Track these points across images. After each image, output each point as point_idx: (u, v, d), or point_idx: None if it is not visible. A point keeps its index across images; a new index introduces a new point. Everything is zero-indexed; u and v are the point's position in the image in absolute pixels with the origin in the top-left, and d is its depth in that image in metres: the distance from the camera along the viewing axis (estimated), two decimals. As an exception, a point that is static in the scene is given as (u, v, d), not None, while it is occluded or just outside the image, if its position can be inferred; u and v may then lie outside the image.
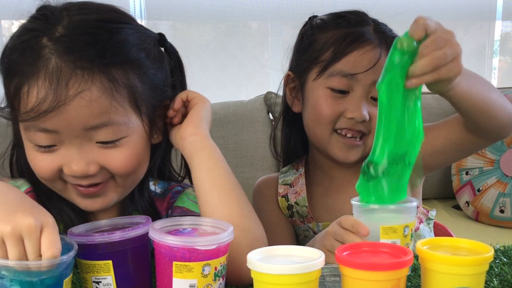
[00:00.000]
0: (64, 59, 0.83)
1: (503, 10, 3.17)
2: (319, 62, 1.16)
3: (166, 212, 1.04)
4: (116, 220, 0.86)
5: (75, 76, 0.83)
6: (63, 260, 0.68)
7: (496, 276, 0.87)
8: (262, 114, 2.56)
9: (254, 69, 3.09)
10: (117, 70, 0.87)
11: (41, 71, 0.83)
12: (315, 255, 0.69)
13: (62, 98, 0.82)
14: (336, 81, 1.14)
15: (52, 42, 0.85)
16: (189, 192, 1.04)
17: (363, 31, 1.16)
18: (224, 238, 0.74)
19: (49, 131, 0.86)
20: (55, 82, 0.82)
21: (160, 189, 1.07)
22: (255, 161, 2.47)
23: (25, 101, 0.85)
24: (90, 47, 0.85)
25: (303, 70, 1.21)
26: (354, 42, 1.14)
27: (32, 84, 0.84)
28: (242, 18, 3.04)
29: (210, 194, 0.91)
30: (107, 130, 0.87)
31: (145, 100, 0.92)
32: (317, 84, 1.17)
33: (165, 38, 1.01)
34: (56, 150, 0.88)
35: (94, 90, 0.84)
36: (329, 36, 1.17)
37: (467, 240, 0.76)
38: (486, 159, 2.46)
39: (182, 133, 0.96)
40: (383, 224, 0.85)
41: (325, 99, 1.15)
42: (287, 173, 1.30)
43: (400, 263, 0.67)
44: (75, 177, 0.89)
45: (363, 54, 1.14)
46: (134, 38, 0.91)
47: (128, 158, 0.90)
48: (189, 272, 0.72)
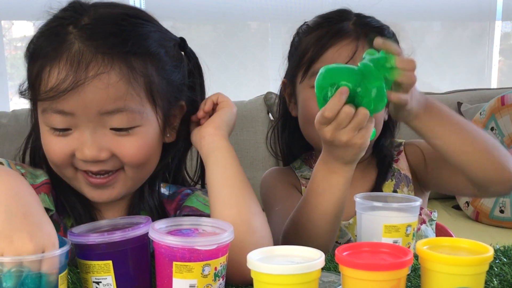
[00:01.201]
0: (86, 44, 0.87)
1: (503, 10, 3.17)
2: (303, 64, 1.19)
3: (174, 212, 1.05)
4: (116, 220, 0.86)
5: (96, 59, 0.86)
6: (57, 254, 0.69)
7: (496, 276, 0.88)
8: (262, 114, 2.56)
9: (254, 69, 3.09)
10: (136, 60, 0.90)
11: (64, 54, 0.87)
12: (315, 255, 0.70)
13: (81, 78, 0.85)
14: None
15: (77, 29, 0.88)
16: (198, 194, 1.06)
17: (340, 26, 1.17)
18: (224, 239, 0.74)
19: (66, 113, 0.88)
20: (76, 64, 0.86)
21: (169, 191, 1.08)
22: (255, 161, 2.47)
23: (46, 82, 0.88)
24: (112, 35, 0.88)
25: (292, 75, 1.24)
26: (330, 39, 1.16)
27: (54, 66, 0.87)
28: (242, 18, 3.05)
29: (222, 191, 0.93)
30: (121, 116, 0.89)
31: (161, 93, 0.94)
32: (303, 86, 1.20)
33: (186, 42, 1.04)
34: (70, 134, 0.91)
35: (112, 74, 0.87)
36: (311, 37, 1.20)
37: (467, 240, 0.76)
38: (486, 159, 2.46)
39: (202, 132, 0.98)
40: (386, 223, 0.85)
41: (311, 98, 1.16)
42: (301, 169, 1.31)
43: (400, 263, 0.67)
44: (85, 162, 0.91)
45: (340, 49, 1.15)
46: (156, 35, 0.95)
47: (139, 148, 0.92)
48: (189, 272, 0.72)
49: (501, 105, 2.42)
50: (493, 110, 2.42)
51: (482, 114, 2.44)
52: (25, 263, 0.66)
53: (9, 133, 2.31)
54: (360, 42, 1.15)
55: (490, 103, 2.44)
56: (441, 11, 3.11)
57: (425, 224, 1.23)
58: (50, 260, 0.68)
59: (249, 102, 2.60)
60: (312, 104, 1.15)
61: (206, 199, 1.02)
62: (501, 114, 2.41)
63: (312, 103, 1.15)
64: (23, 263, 0.66)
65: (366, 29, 1.18)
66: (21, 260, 0.66)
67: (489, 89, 2.92)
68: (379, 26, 1.21)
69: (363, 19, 1.21)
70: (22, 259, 0.66)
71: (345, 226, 1.20)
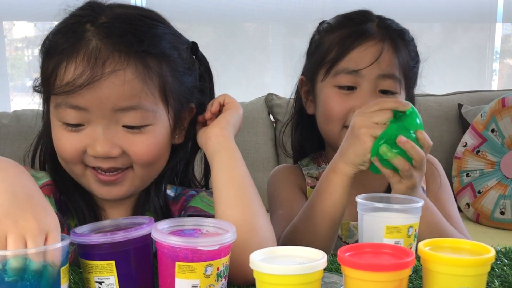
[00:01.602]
0: (104, 41, 0.89)
1: (503, 12, 3.17)
2: (325, 63, 1.20)
3: (179, 213, 1.06)
4: (119, 220, 0.86)
5: (112, 57, 0.88)
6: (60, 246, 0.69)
7: (498, 277, 0.88)
8: (263, 116, 2.56)
9: (255, 71, 3.09)
10: (151, 59, 0.91)
11: (81, 50, 0.88)
12: (317, 255, 0.70)
13: (98, 74, 0.87)
14: (342, 78, 1.18)
15: (95, 27, 0.90)
16: (203, 195, 1.07)
17: (366, 27, 1.19)
18: (226, 239, 0.74)
19: (80, 108, 0.89)
20: (93, 60, 0.87)
21: (174, 192, 1.09)
22: (256, 162, 2.47)
23: (62, 76, 0.89)
24: (129, 34, 0.90)
25: (313, 73, 1.25)
26: (357, 39, 1.17)
27: (71, 61, 0.88)
28: (242, 20, 3.05)
29: (226, 191, 0.93)
30: (135, 114, 0.91)
31: (174, 93, 0.96)
32: (325, 84, 1.21)
33: (198, 47, 1.06)
34: (82, 130, 0.92)
35: (128, 72, 0.89)
36: (334, 37, 1.21)
37: (469, 241, 0.77)
38: (487, 161, 2.47)
39: (208, 133, 0.99)
40: (387, 224, 0.85)
41: (333, 97, 1.19)
42: (309, 167, 1.31)
43: (402, 264, 0.68)
44: (96, 159, 0.92)
45: (366, 49, 1.17)
46: (170, 37, 0.97)
47: (150, 147, 0.94)
48: (191, 272, 0.72)
49: (502, 107, 2.42)
50: (493, 112, 2.42)
51: (482, 116, 2.44)
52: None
53: (10, 134, 2.31)
54: (385, 44, 1.17)
55: (491, 105, 2.44)
56: (441, 13, 3.11)
57: None
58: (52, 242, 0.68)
59: (250, 103, 2.60)
60: (334, 103, 1.19)
61: (211, 200, 1.02)
62: (501, 116, 2.41)
63: (334, 102, 1.19)
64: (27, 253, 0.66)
65: (389, 32, 1.20)
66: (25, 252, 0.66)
67: (489, 91, 2.92)
68: (400, 30, 1.23)
69: (385, 21, 1.23)
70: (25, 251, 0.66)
71: (354, 227, 1.20)
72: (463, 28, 3.26)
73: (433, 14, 3.11)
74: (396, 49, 1.19)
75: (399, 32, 1.22)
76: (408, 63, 1.21)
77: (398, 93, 1.20)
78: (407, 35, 1.24)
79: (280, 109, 2.59)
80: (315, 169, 1.30)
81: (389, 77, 1.18)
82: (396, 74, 1.18)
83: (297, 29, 3.04)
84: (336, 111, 1.18)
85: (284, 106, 2.61)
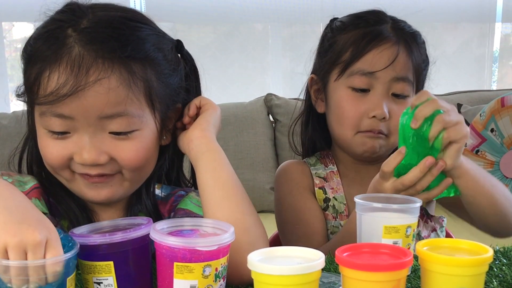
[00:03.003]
0: (86, 48, 0.87)
1: (503, 12, 3.18)
2: (340, 63, 1.19)
3: (168, 214, 1.05)
4: (117, 221, 0.86)
5: (96, 64, 0.86)
6: (66, 259, 0.69)
7: (496, 277, 0.88)
8: (262, 116, 2.57)
9: (255, 71, 3.09)
10: (136, 64, 0.90)
11: (64, 58, 0.86)
12: (315, 256, 0.70)
13: (82, 83, 0.85)
14: (356, 80, 1.17)
15: (77, 32, 0.88)
16: (192, 196, 1.06)
17: (381, 29, 1.19)
18: (225, 239, 0.74)
19: (65, 117, 0.88)
20: (77, 68, 0.86)
21: (163, 192, 1.08)
22: (255, 163, 2.47)
23: (45, 86, 0.87)
24: (112, 39, 0.88)
25: (325, 72, 1.23)
26: (372, 41, 1.17)
27: (54, 69, 0.87)
28: (242, 20, 3.05)
29: (213, 193, 0.93)
30: (121, 120, 0.90)
31: (160, 97, 0.95)
32: (338, 84, 1.20)
33: (182, 45, 1.04)
34: (68, 138, 0.90)
35: (113, 79, 0.87)
36: (348, 37, 1.20)
37: (467, 241, 0.77)
38: (486, 160, 2.47)
39: (189, 135, 0.98)
40: (386, 224, 0.85)
41: (346, 99, 1.18)
42: (316, 166, 1.30)
43: (400, 264, 0.68)
44: (84, 166, 0.91)
45: (382, 52, 1.16)
46: (153, 38, 0.95)
47: (138, 152, 0.93)
48: (190, 273, 0.72)
49: (501, 107, 2.42)
50: (493, 111, 2.43)
51: (482, 116, 2.45)
52: (30, 269, 0.67)
53: (10, 134, 2.32)
54: (400, 46, 1.17)
55: (490, 105, 2.44)
56: (441, 13, 3.11)
57: (436, 231, 1.23)
58: (54, 252, 0.68)
59: (249, 103, 2.60)
60: (348, 106, 1.18)
61: (200, 200, 1.01)
62: (501, 115, 2.41)
63: (348, 105, 1.18)
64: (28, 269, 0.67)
65: (403, 34, 1.19)
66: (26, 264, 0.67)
67: (489, 91, 2.92)
68: (413, 32, 1.22)
69: (398, 23, 1.22)
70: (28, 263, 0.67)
71: None
72: (463, 28, 3.27)
73: (433, 14, 3.11)
74: (410, 52, 1.18)
75: (412, 35, 1.21)
76: (420, 66, 1.21)
77: (409, 96, 1.20)
78: (419, 38, 1.23)
79: (279, 109, 2.59)
80: (322, 170, 1.29)
81: (403, 80, 1.17)
82: (410, 77, 1.18)
83: (296, 29, 3.04)
84: (350, 115, 1.18)
85: (283, 106, 2.61)
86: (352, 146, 1.20)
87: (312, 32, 2.94)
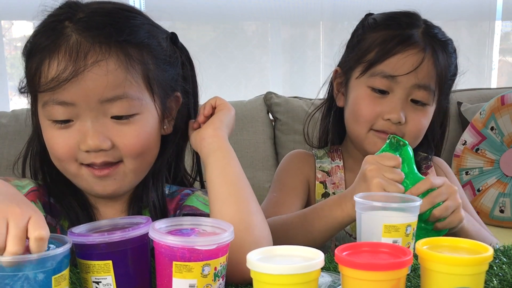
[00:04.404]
0: (83, 35, 0.90)
1: (503, 10, 3.17)
2: (364, 61, 1.20)
3: (174, 212, 1.06)
4: (116, 220, 0.86)
5: (94, 49, 0.90)
6: (50, 253, 0.68)
7: (496, 276, 0.88)
8: (262, 114, 2.56)
9: (254, 69, 3.09)
10: (132, 48, 0.93)
11: (62, 46, 0.90)
12: (315, 255, 0.70)
13: (81, 67, 0.89)
14: (377, 81, 1.18)
15: (73, 23, 0.92)
16: (199, 194, 1.07)
17: (411, 34, 1.18)
18: (224, 238, 0.74)
19: (67, 103, 0.90)
20: (75, 54, 0.89)
21: (169, 190, 1.09)
22: (255, 161, 2.47)
23: (46, 74, 0.90)
24: (108, 25, 0.92)
25: (349, 67, 1.24)
26: (399, 44, 1.16)
27: (54, 57, 0.90)
28: (241, 18, 3.04)
29: (221, 190, 0.94)
30: (121, 103, 0.92)
31: (158, 81, 0.97)
32: (359, 82, 1.21)
33: (177, 37, 1.07)
34: (72, 126, 0.92)
35: (110, 62, 0.90)
36: (377, 36, 1.20)
37: (467, 240, 0.76)
38: (486, 159, 2.47)
39: (202, 134, 1.00)
40: (386, 222, 0.85)
41: (364, 98, 1.19)
42: (322, 160, 1.31)
43: (400, 263, 0.67)
44: (89, 154, 0.93)
45: (406, 57, 1.16)
46: (148, 27, 0.98)
47: (139, 137, 0.95)
48: (189, 272, 0.72)
49: (501, 105, 2.42)
50: (493, 109, 2.42)
51: (482, 114, 2.44)
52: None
53: (9, 133, 2.31)
54: (426, 53, 1.16)
55: (490, 103, 2.44)
56: (441, 11, 3.10)
57: None
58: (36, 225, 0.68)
59: (249, 102, 2.59)
60: (364, 104, 1.19)
61: (206, 199, 1.03)
62: (501, 113, 2.41)
63: (364, 103, 1.19)
64: None
65: (433, 42, 1.19)
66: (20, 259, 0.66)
67: (489, 89, 2.91)
68: (445, 40, 1.22)
69: (431, 29, 1.22)
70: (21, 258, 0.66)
71: None
72: (463, 26, 3.26)
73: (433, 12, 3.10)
74: (436, 61, 1.18)
75: (443, 43, 1.21)
76: (446, 75, 1.21)
77: (429, 104, 1.20)
78: (450, 47, 1.23)
79: (279, 107, 2.59)
80: (328, 163, 1.29)
81: (424, 88, 1.17)
82: (432, 86, 1.18)
83: (296, 28, 3.04)
84: (365, 113, 1.18)
85: (283, 104, 2.61)
86: (364, 144, 1.21)
87: (311, 31, 2.95)
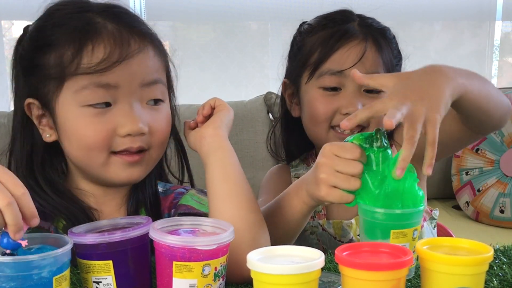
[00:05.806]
0: (119, 25, 0.94)
1: (503, 10, 3.17)
2: (309, 65, 1.19)
3: (168, 211, 1.06)
4: (116, 220, 0.86)
5: (133, 38, 0.94)
6: (51, 254, 0.68)
7: (496, 276, 0.88)
8: (262, 114, 2.56)
9: (254, 70, 3.09)
10: (154, 39, 0.99)
11: (103, 32, 0.92)
12: (315, 255, 0.70)
13: (129, 51, 0.93)
14: (326, 79, 1.17)
15: (98, 14, 0.94)
16: (193, 193, 1.07)
17: (347, 28, 1.19)
18: (224, 238, 0.74)
19: (110, 85, 0.92)
20: (119, 40, 0.92)
21: (162, 188, 1.09)
22: (255, 161, 2.47)
23: (90, 57, 0.91)
24: (133, 19, 0.97)
25: (296, 75, 1.24)
26: (339, 39, 1.17)
27: (98, 41, 0.91)
28: (242, 19, 3.04)
29: (220, 188, 0.94)
30: (157, 88, 0.97)
31: (168, 74, 1.04)
32: (309, 86, 1.20)
33: None
34: (109, 111, 0.93)
35: (150, 49, 0.97)
36: (316, 38, 1.21)
37: (467, 240, 0.76)
38: (486, 159, 2.47)
39: (202, 133, 1.00)
40: (394, 229, 0.83)
41: (318, 98, 1.18)
42: (297, 167, 1.32)
43: (400, 263, 0.67)
44: (126, 139, 0.93)
45: (349, 49, 1.16)
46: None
47: (168, 123, 1.00)
48: (189, 272, 0.72)
49: (501, 105, 2.42)
50: (493, 110, 2.43)
51: (482, 114, 2.45)
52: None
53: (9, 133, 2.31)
54: (368, 43, 1.17)
55: (490, 103, 2.44)
56: (441, 11, 3.10)
57: (425, 222, 1.23)
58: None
59: (249, 102, 2.59)
60: (319, 104, 1.18)
61: (200, 197, 1.04)
62: (501, 114, 2.42)
63: (319, 103, 1.18)
64: None
65: (371, 31, 1.19)
66: None
67: (489, 89, 2.92)
68: (382, 28, 1.23)
69: (366, 20, 1.22)
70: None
71: (347, 225, 1.20)
72: (463, 27, 3.26)
73: (433, 13, 3.11)
74: (379, 48, 1.18)
75: (381, 31, 1.21)
76: (391, 61, 1.21)
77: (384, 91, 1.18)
78: (388, 33, 1.23)
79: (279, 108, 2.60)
80: (304, 169, 1.30)
81: None
82: (381, 72, 1.18)
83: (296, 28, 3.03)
84: (322, 112, 1.17)
85: (283, 105, 2.62)
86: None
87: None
